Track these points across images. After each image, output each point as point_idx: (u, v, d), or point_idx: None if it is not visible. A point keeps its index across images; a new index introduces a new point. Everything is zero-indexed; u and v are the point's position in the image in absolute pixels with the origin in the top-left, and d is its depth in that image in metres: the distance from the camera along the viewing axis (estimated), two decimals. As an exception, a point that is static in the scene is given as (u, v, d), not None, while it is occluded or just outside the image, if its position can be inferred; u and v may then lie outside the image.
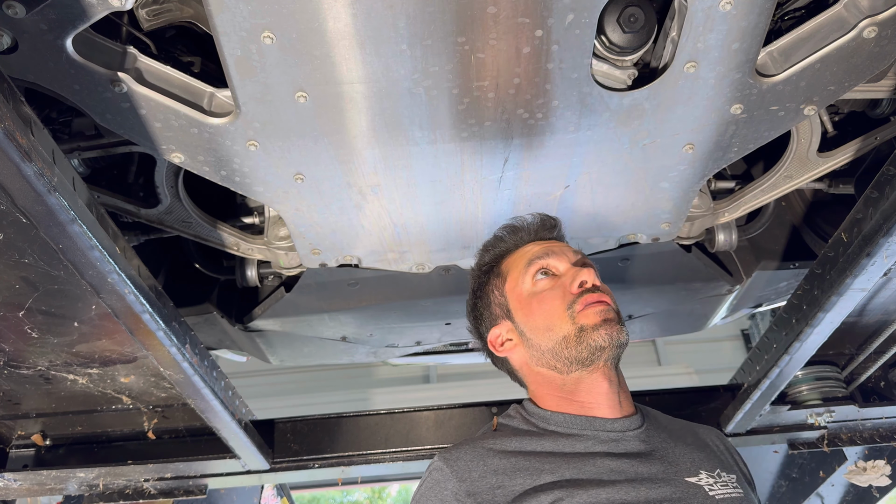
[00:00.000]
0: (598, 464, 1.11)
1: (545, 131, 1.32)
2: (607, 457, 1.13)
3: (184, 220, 1.62)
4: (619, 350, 1.17)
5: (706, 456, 1.20)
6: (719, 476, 1.15)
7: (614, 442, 1.15)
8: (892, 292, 1.68)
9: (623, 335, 1.17)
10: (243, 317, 1.95)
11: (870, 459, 2.26)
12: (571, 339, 1.17)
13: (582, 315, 1.17)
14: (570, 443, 1.15)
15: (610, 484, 1.08)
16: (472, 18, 1.09)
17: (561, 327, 1.18)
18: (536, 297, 1.23)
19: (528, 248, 1.31)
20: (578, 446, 1.14)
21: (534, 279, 1.25)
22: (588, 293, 1.19)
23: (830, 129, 1.61)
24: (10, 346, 1.46)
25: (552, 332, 1.19)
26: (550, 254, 1.26)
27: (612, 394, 1.20)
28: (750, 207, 1.71)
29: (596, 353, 1.16)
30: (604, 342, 1.15)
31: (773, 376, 1.73)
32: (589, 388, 1.19)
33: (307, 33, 1.09)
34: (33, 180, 0.96)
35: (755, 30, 1.16)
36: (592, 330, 1.15)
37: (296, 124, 1.26)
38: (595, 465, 1.11)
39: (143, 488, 2.05)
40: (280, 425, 2.07)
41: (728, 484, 1.14)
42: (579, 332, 1.16)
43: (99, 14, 1.07)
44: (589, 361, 1.17)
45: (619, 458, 1.13)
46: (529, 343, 1.23)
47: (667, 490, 1.08)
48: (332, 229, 1.54)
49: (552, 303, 1.20)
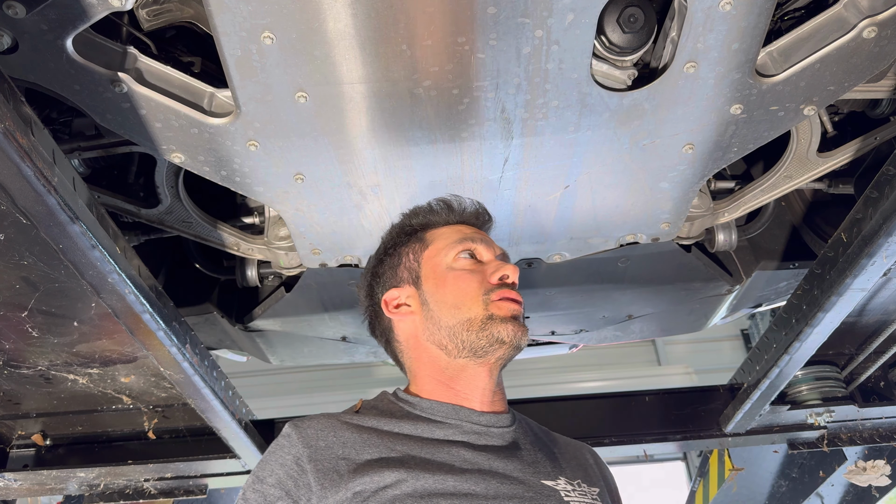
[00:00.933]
0: (454, 452, 1.10)
1: (545, 131, 1.32)
2: (465, 447, 1.11)
3: (184, 220, 1.62)
4: (514, 351, 1.16)
5: (571, 466, 1.20)
6: (579, 485, 1.14)
7: (477, 434, 1.14)
8: (892, 292, 1.69)
9: (524, 340, 1.16)
10: (243, 317, 1.95)
11: (869, 459, 2.26)
12: (476, 323, 1.15)
13: (495, 305, 1.16)
14: (431, 428, 1.13)
15: (460, 472, 1.06)
16: (472, 18, 1.09)
17: (470, 308, 1.16)
18: (454, 272, 1.21)
19: (460, 226, 1.30)
20: (438, 433, 1.13)
21: (457, 256, 1.22)
22: (506, 288, 1.18)
23: (830, 129, 1.61)
24: (11, 345, 1.47)
25: (459, 310, 1.17)
26: (482, 241, 1.25)
27: (488, 390, 1.18)
28: (750, 207, 1.71)
29: (493, 346, 1.14)
30: (506, 337, 1.14)
31: (772, 376, 1.73)
32: (469, 379, 1.17)
33: (307, 33, 1.10)
34: (33, 180, 0.96)
35: (755, 30, 1.16)
36: (500, 322, 1.14)
37: (296, 124, 1.26)
38: (449, 453, 1.09)
39: (143, 488, 2.06)
40: (280, 425, 2.07)
41: (587, 494, 1.13)
42: (487, 319, 1.14)
43: (99, 14, 1.07)
44: (482, 352, 1.15)
45: (478, 450, 1.11)
46: (430, 315, 1.20)
47: (519, 489, 1.07)
48: (333, 229, 1.54)
49: (469, 283, 1.18)
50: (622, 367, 7.87)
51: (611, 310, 2.09)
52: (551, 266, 1.76)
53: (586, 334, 2.31)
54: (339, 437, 1.10)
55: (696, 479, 2.85)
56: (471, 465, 1.08)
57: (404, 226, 1.33)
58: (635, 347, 8.25)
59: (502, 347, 1.15)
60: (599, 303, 2.03)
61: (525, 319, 1.24)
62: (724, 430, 2.02)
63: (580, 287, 1.90)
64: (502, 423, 1.17)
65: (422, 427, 1.14)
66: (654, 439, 2.07)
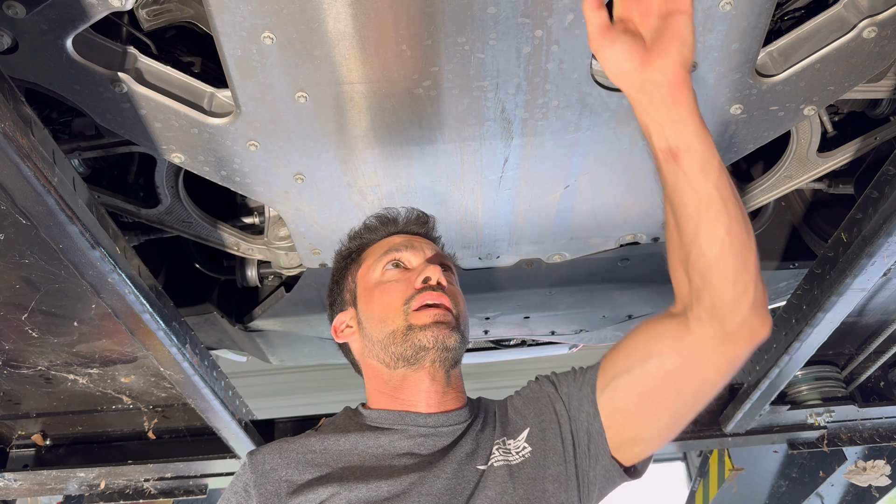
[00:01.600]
0: (396, 458, 1.11)
1: (545, 131, 1.32)
2: (408, 452, 1.12)
3: (184, 220, 1.62)
4: (445, 353, 1.15)
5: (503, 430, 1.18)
6: (504, 443, 1.14)
7: (423, 437, 1.14)
8: (892, 292, 1.69)
9: (452, 340, 1.15)
10: (243, 317, 1.95)
11: (869, 459, 2.26)
12: (399, 335, 1.16)
13: (414, 315, 1.16)
14: (377, 436, 1.15)
15: (397, 476, 1.07)
16: (472, 18, 1.09)
17: (393, 320, 1.17)
18: (380, 286, 1.22)
19: (392, 238, 1.30)
20: (383, 440, 1.14)
21: (384, 269, 1.23)
22: (429, 290, 1.18)
23: (830, 129, 1.61)
24: (11, 345, 1.47)
25: (384, 323, 1.18)
26: (408, 247, 1.25)
27: (433, 392, 1.18)
28: (750, 207, 1.71)
29: (420, 353, 1.14)
30: (428, 343, 1.13)
31: (772, 376, 1.73)
32: (411, 386, 1.18)
33: (307, 33, 1.10)
34: (33, 180, 0.96)
35: (755, 30, 1.16)
36: (420, 330, 1.14)
37: (296, 124, 1.26)
38: (392, 459, 1.11)
39: (143, 488, 2.06)
40: (280, 425, 2.07)
41: (510, 452, 1.13)
42: (407, 330, 1.15)
43: (99, 14, 1.07)
44: (414, 360, 1.15)
45: (421, 453, 1.12)
46: (365, 332, 1.22)
47: (452, 482, 1.07)
48: (333, 229, 1.54)
49: (392, 295, 1.19)
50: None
51: (611, 310, 2.09)
52: (551, 266, 1.76)
53: (586, 334, 2.31)
54: (285, 458, 1.13)
55: (696, 479, 2.85)
56: (409, 470, 1.09)
57: (343, 250, 1.34)
58: (635, 347, 8.23)
59: (429, 352, 1.14)
60: (599, 303, 2.03)
61: (525, 320, 1.24)
62: (724, 430, 2.02)
63: (580, 287, 1.90)
64: (452, 420, 1.16)
65: (368, 437, 1.15)
66: (654, 439, 2.06)
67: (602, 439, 1.12)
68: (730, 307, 0.96)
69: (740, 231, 0.93)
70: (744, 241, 0.94)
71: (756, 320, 0.98)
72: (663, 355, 1.04)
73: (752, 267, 0.95)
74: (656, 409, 1.08)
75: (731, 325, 0.97)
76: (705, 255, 0.94)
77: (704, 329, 0.99)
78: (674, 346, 1.03)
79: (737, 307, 0.96)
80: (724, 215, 0.92)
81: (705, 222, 0.92)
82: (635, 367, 1.08)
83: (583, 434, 1.13)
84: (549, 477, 1.10)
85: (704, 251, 0.94)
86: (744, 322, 0.97)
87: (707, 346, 1.00)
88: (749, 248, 0.95)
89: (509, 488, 1.08)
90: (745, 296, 0.95)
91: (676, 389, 1.05)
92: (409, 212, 1.33)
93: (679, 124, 0.90)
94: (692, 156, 0.90)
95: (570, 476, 1.11)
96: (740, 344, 0.99)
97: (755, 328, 0.98)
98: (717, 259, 0.94)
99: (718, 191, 0.91)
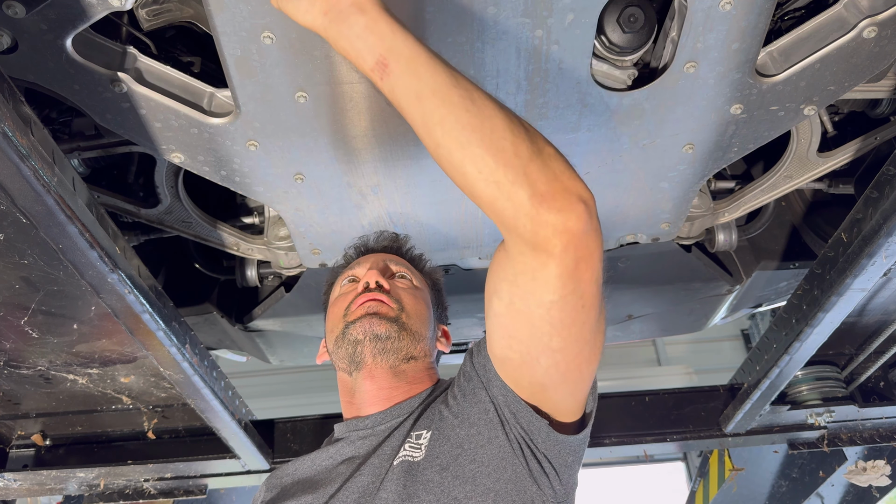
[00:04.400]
0: (339, 466, 1.15)
1: (545, 131, 1.31)
2: (347, 459, 1.15)
3: (184, 220, 1.62)
4: (377, 343, 1.14)
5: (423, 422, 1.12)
6: (417, 439, 1.09)
7: (362, 440, 1.15)
8: (892, 292, 1.68)
9: (381, 328, 1.14)
10: (243, 317, 1.95)
11: (870, 459, 2.26)
12: (340, 338, 1.19)
13: (350, 313, 1.19)
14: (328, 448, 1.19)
15: (332, 482, 1.11)
16: (472, 18, 1.09)
17: (336, 326, 1.21)
18: (334, 301, 1.28)
19: (358, 260, 1.35)
20: (331, 450, 1.18)
21: (342, 286, 1.29)
22: (366, 292, 1.21)
23: (830, 129, 1.61)
24: (11, 346, 1.46)
25: (332, 332, 1.23)
26: (362, 262, 1.30)
27: (376, 390, 1.18)
28: (750, 207, 1.71)
29: (357, 349, 1.16)
30: (359, 335, 1.16)
31: (773, 376, 1.73)
32: (359, 390, 1.20)
33: (307, 33, 1.09)
34: (33, 180, 0.96)
35: (755, 30, 1.16)
36: (352, 325, 1.17)
37: (296, 124, 1.26)
38: (335, 468, 1.15)
39: (143, 488, 2.05)
40: (280, 425, 2.07)
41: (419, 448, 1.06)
42: (344, 330, 1.18)
43: (99, 14, 1.07)
44: (357, 358, 1.16)
45: (358, 455, 1.14)
46: (328, 348, 1.26)
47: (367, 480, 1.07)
48: (332, 229, 1.54)
49: (340, 306, 1.24)
50: (622, 367, 7.87)
51: (611, 310, 2.09)
52: (551, 266, 1.76)
53: (586, 334, 2.30)
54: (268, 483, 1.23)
55: (696, 479, 2.85)
56: (343, 473, 1.11)
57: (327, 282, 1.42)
58: (635, 347, 8.24)
59: (361, 346, 1.16)
60: (599, 303, 2.03)
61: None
62: (724, 430, 2.02)
63: (580, 287, 1.89)
64: (391, 416, 1.16)
65: (324, 450, 1.20)
66: (654, 439, 2.06)
67: (512, 395, 1.01)
68: (509, 212, 0.80)
69: (472, 120, 0.80)
70: (484, 128, 0.79)
71: (552, 209, 0.78)
72: (500, 291, 0.92)
73: (509, 153, 0.79)
74: (523, 347, 0.94)
75: (523, 231, 0.80)
76: (453, 164, 0.81)
77: (512, 246, 0.85)
78: (502, 276, 0.92)
79: (516, 208, 0.79)
80: (444, 110, 0.80)
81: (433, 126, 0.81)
82: (487, 312, 0.98)
83: (500, 398, 1.02)
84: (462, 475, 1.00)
85: (447, 158, 0.81)
86: (534, 219, 0.79)
87: (521, 264, 0.85)
88: (496, 133, 0.80)
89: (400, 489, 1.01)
90: (518, 189, 0.78)
91: (526, 321, 0.91)
92: (377, 234, 1.40)
93: (372, 32, 0.83)
94: (397, 58, 0.83)
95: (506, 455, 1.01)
96: (550, 246, 0.81)
97: (558, 215, 0.78)
98: (462, 162, 0.80)
99: (432, 88, 0.81)
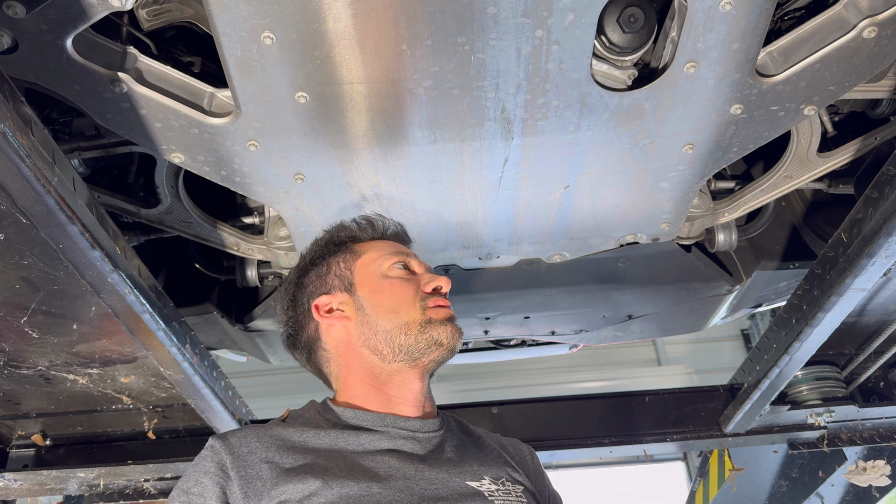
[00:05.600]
0: (379, 459, 1.11)
1: (545, 131, 1.32)
2: (391, 453, 1.12)
3: (184, 220, 1.62)
4: (449, 355, 1.19)
5: (497, 464, 1.20)
6: (503, 484, 1.14)
7: (403, 440, 1.14)
8: (892, 292, 1.69)
9: (459, 343, 1.19)
10: (243, 317, 1.95)
11: (870, 459, 2.26)
12: (414, 327, 1.18)
13: (432, 310, 1.20)
14: (357, 435, 1.14)
15: (385, 479, 1.07)
16: (472, 18, 1.09)
17: (408, 313, 1.19)
18: (389, 280, 1.24)
19: (388, 242, 1.33)
20: (364, 439, 1.14)
21: (392, 265, 1.26)
22: (440, 296, 1.23)
23: (830, 129, 1.61)
24: (11, 346, 1.46)
25: (397, 314, 1.20)
26: (413, 257, 1.30)
27: (420, 395, 1.20)
28: (750, 207, 1.71)
29: (431, 348, 1.17)
30: (444, 339, 1.17)
31: (773, 376, 1.73)
32: (401, 383, 1.19)
33: (307, 33, 1.10)
34: (33, 180, 0.96)
35: (755, 30, 1.16)
36: (439, 324, 1.18)
37: (296, 124, 1.26)
38: (374, 460, 1.10)
39: (143, 488, 2.05)
40: (280, 425, 2.07)
41: (511, 492, 1.13)
42: (426, 323, 1.18)
43: (99, 14, 1.07)
44: (419, 355, 1.17)
45: (403, 455, 1.12)
46: (366, 319, 1.22)
47: (443, 490, 1.07)
48: (332, 229, 1.54)
49: (405, 290, 1.22)
50: (622, 367, 7.87)
51: (611, 310, 2.09)
52: (551, 266, 1.76)
53: (586, 334, 2.31)
54: (263, 442, 1.11)
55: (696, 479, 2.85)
56: (396, 471, 1.09)
57: (332, 238, 1.35)
58: (635, 347, 8.25)
59: (439, 350, 1.17)
60: (599, 303, 2.03)
61: (525, 320, 1.25)
62: (724, 430, 2.02)
63: (580, 287, 1.90)
64: (429, 427, 1.18)
65: (347, 435, 1.14)
66: (654, 439, 2.07)
67: None
68: None
69: None
70: None
71: None
72: None
73: None
74: None
75: None
76: None
77: None
78: None
79: None
80: None
81: None
82: None
83: None
84: None
85: None
86: None
87: None
88: None
89: None
90: None
91: None
92: (396, 225, 1.38)
93: None
94: None
95: None
96: None
97: None
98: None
99: None
